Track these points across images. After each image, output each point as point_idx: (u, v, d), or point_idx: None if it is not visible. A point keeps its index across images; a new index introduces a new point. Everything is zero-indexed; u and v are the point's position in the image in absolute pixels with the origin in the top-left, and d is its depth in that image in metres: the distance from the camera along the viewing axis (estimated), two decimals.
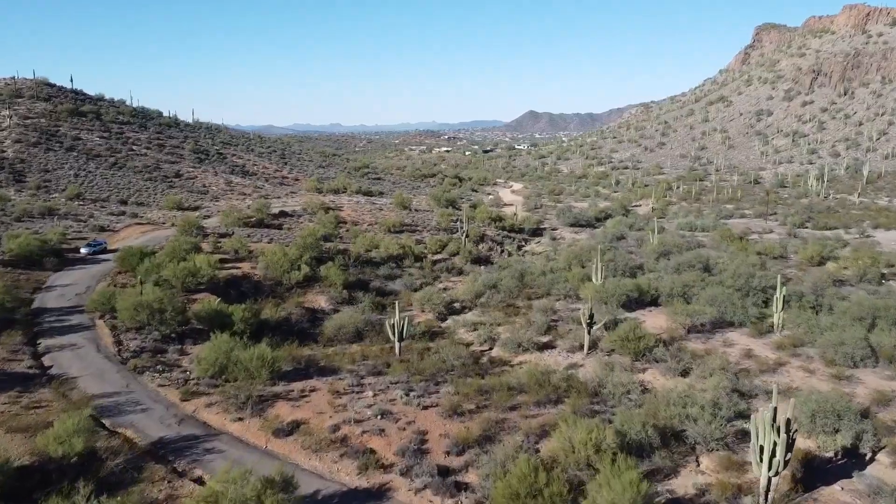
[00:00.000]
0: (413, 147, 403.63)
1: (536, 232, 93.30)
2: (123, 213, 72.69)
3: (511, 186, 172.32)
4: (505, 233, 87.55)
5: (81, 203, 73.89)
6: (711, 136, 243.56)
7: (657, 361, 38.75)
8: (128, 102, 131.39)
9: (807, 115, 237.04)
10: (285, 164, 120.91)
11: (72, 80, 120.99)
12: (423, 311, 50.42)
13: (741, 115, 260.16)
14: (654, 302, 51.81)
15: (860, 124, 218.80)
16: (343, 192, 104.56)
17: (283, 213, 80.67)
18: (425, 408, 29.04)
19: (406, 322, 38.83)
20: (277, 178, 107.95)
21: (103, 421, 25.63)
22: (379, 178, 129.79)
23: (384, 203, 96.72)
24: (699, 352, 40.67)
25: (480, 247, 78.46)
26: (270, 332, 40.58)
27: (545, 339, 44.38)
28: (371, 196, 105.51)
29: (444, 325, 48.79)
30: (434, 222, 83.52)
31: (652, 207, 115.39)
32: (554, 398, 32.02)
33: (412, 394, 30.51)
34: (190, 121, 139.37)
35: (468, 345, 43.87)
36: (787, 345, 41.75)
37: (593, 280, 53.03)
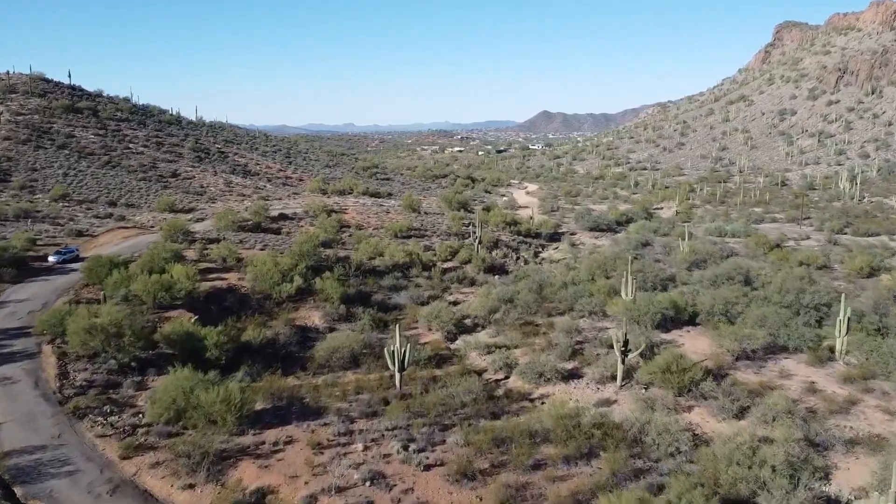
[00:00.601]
0: (425, 147, 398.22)
1: (554, 237, 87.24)
2: (110, 216, 67.55)
3: (526, 188, 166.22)
4: (520, 238, 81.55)
5: (66, 204, 68.83)
6: (733, 137, 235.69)
7: (705, 398, 32.67)
8: (131, 100, 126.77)
9: (833, 114, 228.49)
10: (290, 163, 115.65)
11: (70, 76, 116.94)
12: (430, 330, 44.61)
13: (763, 114, 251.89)
14: (692, 320, 45.65)
15: (889, 124, 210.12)
16: (349, 194, 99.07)
17: (282, 216, 75.23)
18: (427, 468, 23.27)
19: (408, 349, 33.04)
20: (281, 179, 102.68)
21: (14, 489, 20.08)
22: (388, 179, 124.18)
23: (392, 205, 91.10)
24: (754, 385, 34.50)
25: (494, 253, 72.54)
26: (252, 357, 35.02)
27: (570, 365, 38.43)
28: (378, 198, 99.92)
29: (453, 345, 42.95)
30: (444, 226, 77.69)
31: (676, 211, 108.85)
32: (586, 450, 26.15)
33: (412, 446, 24.73)
34: (193, 118, 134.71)
35: (481, 372, 38.01)
36: (856, 377, 35.46)
37: (622, 295, 46.95)
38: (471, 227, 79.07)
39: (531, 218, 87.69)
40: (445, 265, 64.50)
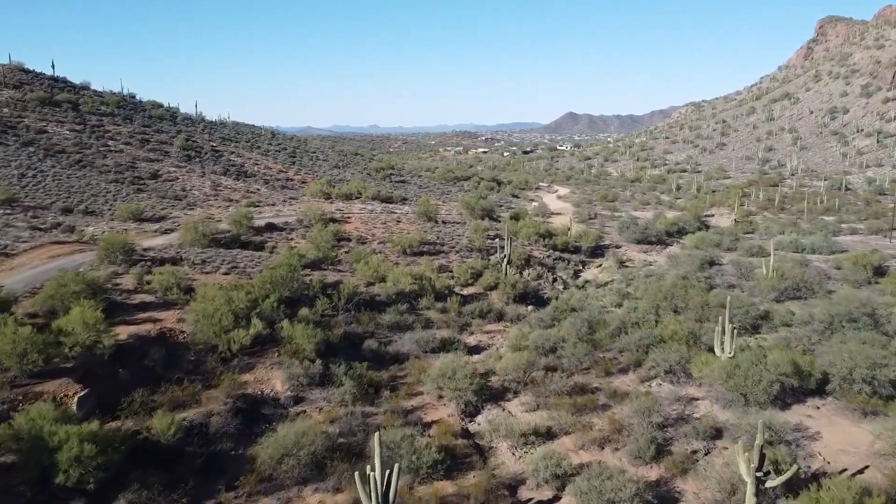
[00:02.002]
0: (449, 148, 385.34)
1: (596, 251, 73.20)
2: (57, 226, 55.44)
3: (556, 191, 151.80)
4: (556, 253, 67.73)
5: (9, 211, 56.89)
6: (779, 137, 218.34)
7: None
8: (122, 93, 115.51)
9: (891, 112, 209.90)
10: (293, 163, 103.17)
11: (53, 67, 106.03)
12: (440, 397, 31.26)
13: (811, 112, 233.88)
14: (821, 389, 31.65)
15: None
16: (357, 198, 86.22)
17: (270, 227, 62.50)
18: None
19: (395, 474, 19.69)
20: (281, 180, 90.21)
21: None
22: (403, 182, 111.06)
23: (405, 212, 77.97)
24: None
25: (526, 274, 58.94)
26: (151, 463, 22.05)
27: (654, 473, 24.80)
28: (390, 203, 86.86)
29: (473, 427, 29.52)
30: (465, 239, 64.24)
31: (735, 220, 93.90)
32: None
33: None
34: (193, 114, 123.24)
35: (516, 486, 24.55)
36: None
37: (716, 349, 33.08)
38: (497, 240, 65.53)
39: (568, 229, 73.74)
40: (466, 291, 51.07)
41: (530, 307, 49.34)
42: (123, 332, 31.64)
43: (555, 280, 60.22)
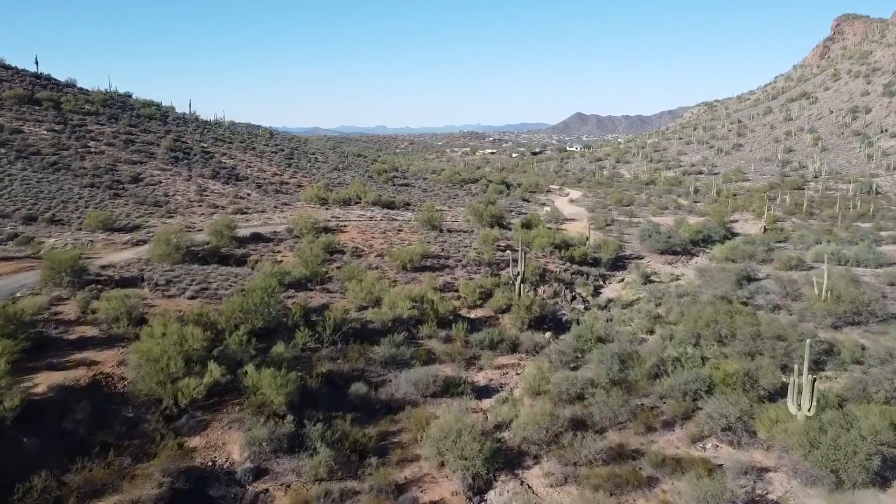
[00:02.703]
0: (456, 149, 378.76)
1: (617, 263, 66.54)
2: (14, 237, 49.33)
3: (567, 194, 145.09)
4: (574, 266, 61.11)
5: None
6: (798, 137, 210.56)
7: None
8: (110, 90, 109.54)
9: None
10: (290, 165, 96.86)
11: (37, 63, 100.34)
12: (441, 467, 24.75)
13: (832, 112, 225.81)
14: None
15: None
16: (356, 204, 79.88)
17: (256, 237, 56.21)
18: None
19: None
20: (275, 184, 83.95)
21: None
22: (407, 185, 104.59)
23: (408, 219, 71.58)
24: None
25: (541, 292, 52.37)
26: None
27: None
28: (392, 209, 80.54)
29: None
30: (473, 251, 57.72)
31: (764, 227, 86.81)
32: None
33: None
34: (187, 113, 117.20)
35: None
36: None
37: (791, 407, 26.42)
38: (507, 251, 59.02)
39: (587, 239, 67.02)
40: (473, 314, 44.54)
41: (548, 334, 42.75)
42: (45, 380, 25.30)
43: (574, 298, 53.56)
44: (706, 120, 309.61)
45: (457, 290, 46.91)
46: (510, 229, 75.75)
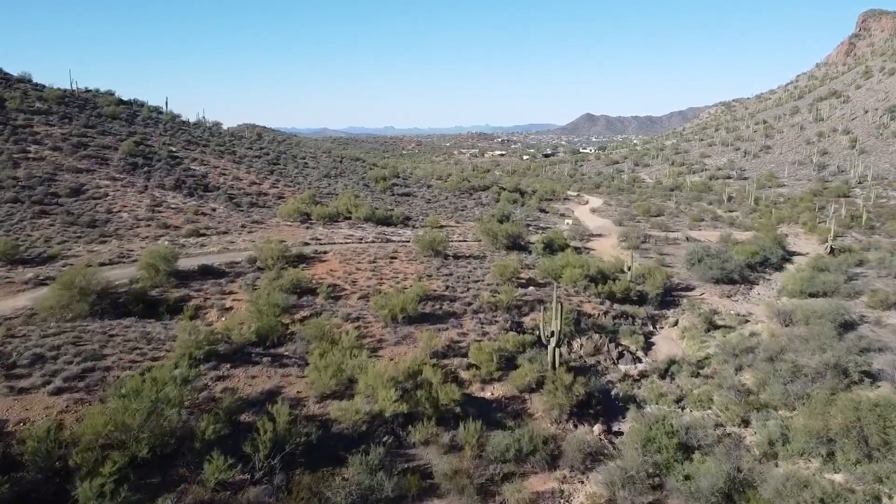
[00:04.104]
0: (464, 150, 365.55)
1: (665, 297, 53.22)
2: None
3: (587, 202, 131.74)
4: (615, 304, 47.90)
5: None
6: (832, 139, 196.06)
7: None
8: (72, 86, 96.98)
9: None
10: (272, 172, 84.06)
11: None
12: None
13: (866, 112, 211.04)
14: None
15: None
16: (346, 219, 67.08)
17: (204, 271, 43.42)
18: None
19: None
20: (251, 195, 71.13)
21: None
22: (408, 194, 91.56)
23: (406, 238, 58.77)
24: None
25: (577, 346, 39.33)
26: None
27: None
28: (388, 225, 67.61)
29: None
30: (487, 289, 44.69)
31: (830, 247, 73.05)
32: None
33: None
34: (164, 111, 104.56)
35: None
36: None
37: None
38: (531, 288, 46.01)
39: (628, 268, 53.75)
40: (489, 390, 31.49)
41: (597, 427, 29.68)
42: None
43: (621, 355, 40.36)
44: (728, 120, 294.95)
45: (466, 355, 33.82)
46: (530, 251, 62.66)
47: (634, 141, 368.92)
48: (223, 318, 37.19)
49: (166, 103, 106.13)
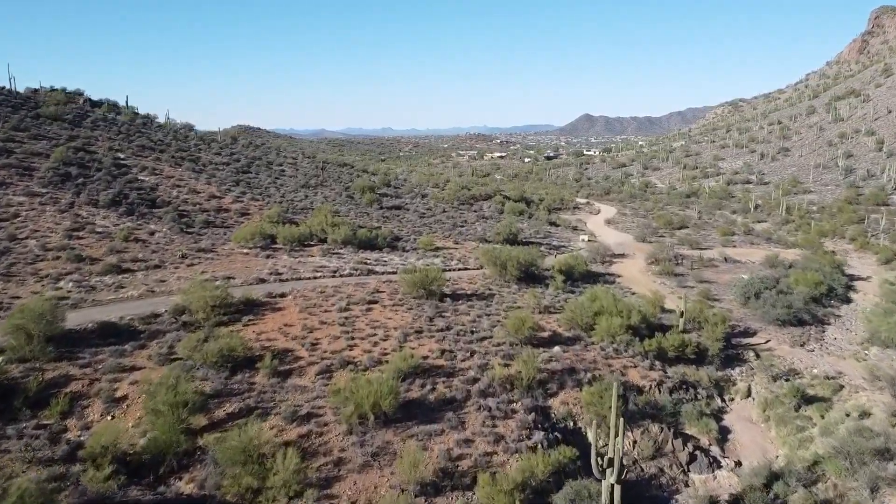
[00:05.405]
0: (462, 152, 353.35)
1: (728, 352, 40.92)
2: None
3: (599, 211, 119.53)
4: (669, 367, 35.72)
5: None
6: (856, 140, 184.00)
7: None
8: (11, 85, 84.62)
9: None
10: (239, 182, 71.73)
11: None
12: None
13: (890, 112, 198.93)
14: None
15: None
16: (321, 242, 55.06)
17: (103, 331, 31.22)
18: None
19: None
20: (208, 212, 58.97)
21: None
22: (399, 207, 79.30)
23: (392, 269, 46.75)
24: None
25: (632, 444, 27.15)
26: None
27: None
28: (372, 249, 55.60)
29: None
30: (496, 354, 32.57)
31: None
32: None
33: None
34: (137, 112, 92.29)
35: None
36: None
37: None
38: (556, 348, 34.07)
39: (681, 313, 41.51)
40: None
41: None
42: None
43: (693, 457, 28.15)
44: (737, 121, 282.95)
45: (470, 488, 21.63)
46: (546, 283, 50.51)
47: (641, 143, 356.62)
48: (110, 416, 25.12)
49: (127, 101, 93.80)
